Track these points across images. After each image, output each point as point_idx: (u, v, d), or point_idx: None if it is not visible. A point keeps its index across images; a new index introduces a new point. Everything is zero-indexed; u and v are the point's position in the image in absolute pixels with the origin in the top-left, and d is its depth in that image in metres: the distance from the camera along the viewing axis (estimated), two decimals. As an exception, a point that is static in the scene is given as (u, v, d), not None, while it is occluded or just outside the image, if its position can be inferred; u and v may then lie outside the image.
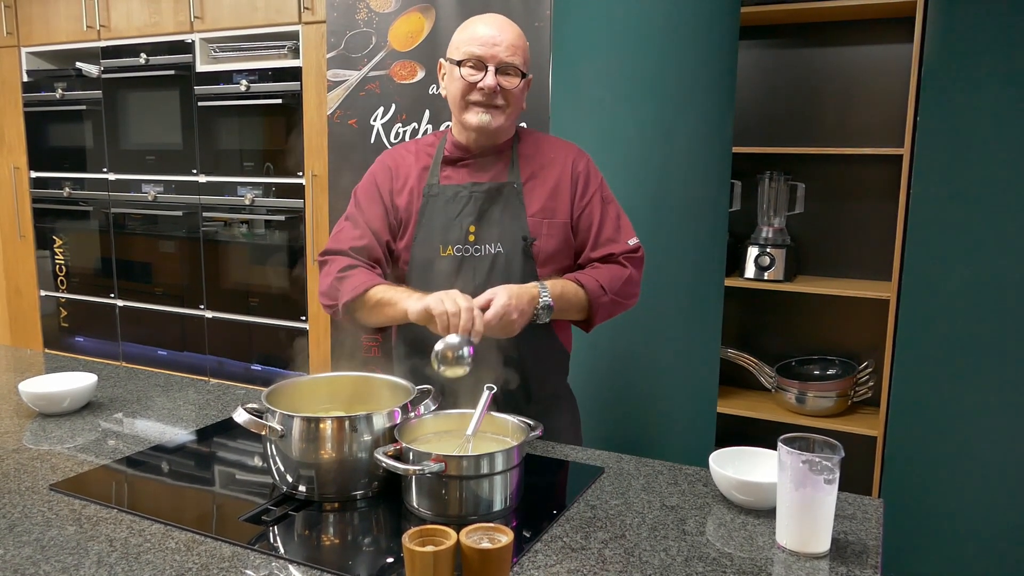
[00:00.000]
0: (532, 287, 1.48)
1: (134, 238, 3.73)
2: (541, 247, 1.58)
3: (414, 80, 2.73)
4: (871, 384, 2.77)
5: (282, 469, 1.26)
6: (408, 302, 1.43)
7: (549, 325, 1.57)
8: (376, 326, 1.58)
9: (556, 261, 1.60)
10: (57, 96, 3.78)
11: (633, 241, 1.64)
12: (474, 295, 1.53)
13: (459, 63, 1.54)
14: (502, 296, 1.41)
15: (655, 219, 2.11)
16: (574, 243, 1.63)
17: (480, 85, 1.52)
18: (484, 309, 1.39)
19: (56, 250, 3.99)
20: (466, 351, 1.25)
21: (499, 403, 1.40)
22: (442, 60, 1.61)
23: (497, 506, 1.19)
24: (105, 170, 3.74)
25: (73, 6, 3.65)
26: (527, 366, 1.58)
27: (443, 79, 1.61)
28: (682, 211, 2.14)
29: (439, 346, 1.24)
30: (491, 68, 1.52)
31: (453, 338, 1.27)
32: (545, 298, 1.48)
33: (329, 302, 1.57)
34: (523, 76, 1.56)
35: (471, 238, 1.58)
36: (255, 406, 1.28)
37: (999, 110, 2.10)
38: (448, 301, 1.36)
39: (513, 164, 1.61)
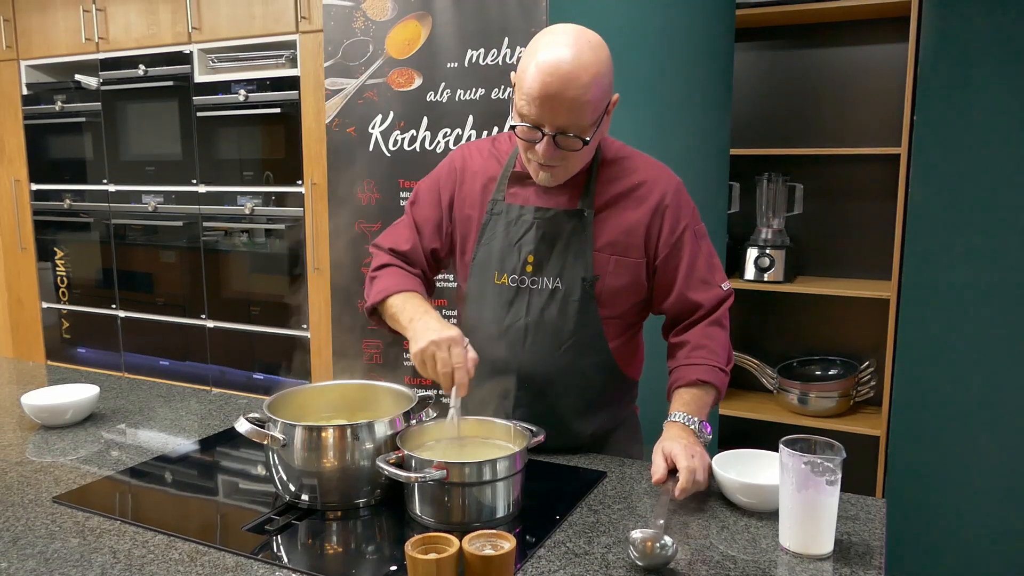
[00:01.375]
0: (679, 427, 1.35)
1: (135, 249, 3.73)
2: (606, 284, 1.42)
3: (412, 87, 2.73)
4: (873, 384, 2.77)
5: (285, 478, 1.26)
6: (409, 334, 1.35)
7: (615, 364, 1.49)
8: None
9: (623, 300, 1.46)
10: (57, 108, 3.80)
11: (727, 285, 1.48)
12: (525, 331, 1.45)
13: (513, 126, 1.35)
14: (682, 459, 1.25)
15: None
16: (647, 283, 1.46)
17: (536, 148, 1.34)
18: (672, 471, 1.26)
19: (57, 262, 4.00)
20: (668, 540, 1.08)
21: (555, 438, 1.35)
22: (513, 75, 1.38)
23: (500, 512, 1.19)
24: (105, 181, 3.75)
25: (72, 19, 3.66)
26: (591, 409, 1.51)
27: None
28: (681, 214, 2.14)
29: (636, 535, 1.09)
30: (547, 133, 1.31)
31: (649, 530, 1.10)
32: (695, 425, 1.35)
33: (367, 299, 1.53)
34: (587, 141, 1.33)
35: (529, 268, 1.44)
36: (257, 415, 1.28)
37: (995, 107, 2.10)
38: (429, 361, 1.28)
39: (588, 188, 1.43)
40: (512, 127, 1.36)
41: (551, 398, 1.48)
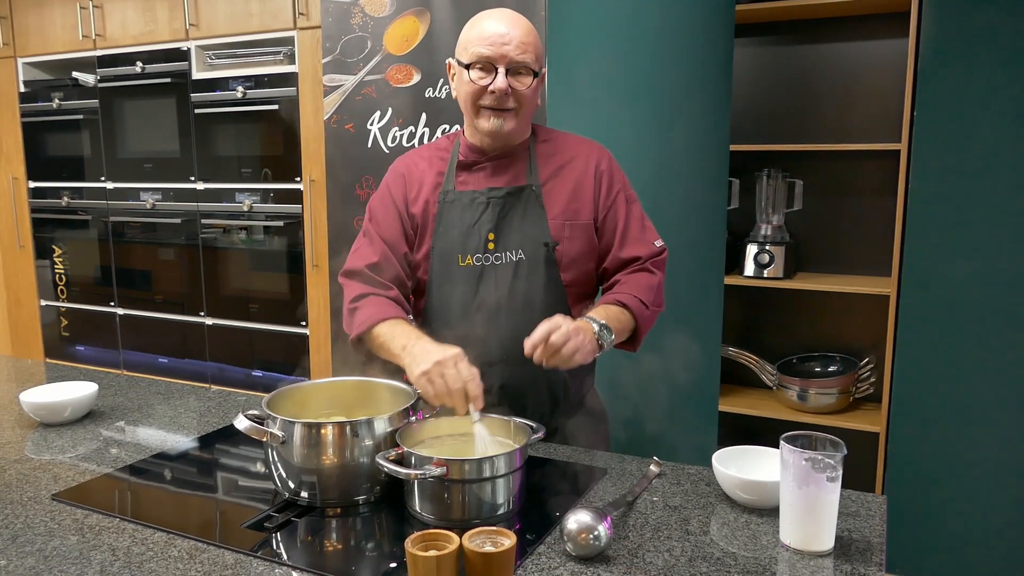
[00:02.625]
0: (580, 321, 1.41)
1: (133, 246, 3.73)
2: (564, 250, 1.52)
3: (410, 84, 2.73)
4: (872, 380, 2.77)
5: (284, 475, 1.26)
6: (406, 360, 1.35)
7: None
8: None
9: (580, 265, 1.55)
10: (54, 106, 3.79)
11: (659, 243, 1.58)
12: (496, 305, 1.50)
13: (467, 66, 1.47)
14: (545, 323, 1.33)
15: (653, 219, 2.10)
16: (598, 244, 1.57)
17: (491, 88, 1.46)
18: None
19: (56, 259, 3.99)
20: (603, 530, 1.07)
21: (525, 411, 1.36)
22: (450, 60, 1.55)
23: (500, 509, 1.19)
24: (103, 179, 3.74)
25: (69, 16, 3.65)
26: (551, 373, 1.50)
27: (452, 79, 1.55)
28: (680, 210, 2.14)
29: (571, 525, 1.08)
30: (501, 69, 1.45)
31: (584, 515, 1.08)
32: (596, 325, 1.40)
33: (348, 332, 1.53)
34: (535, 75, 1.49)
35: (491, 246, 1.52)
36: (256, 413, 1.28)
37: (995, 103, 2.10)
38: (438, 381, 1.27)
39: (531, 165, 1.55)
40: (466, 65, 1.47)
41: (528, 370, 1.47)
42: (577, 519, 1.09)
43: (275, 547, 1.14)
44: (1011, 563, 2.19)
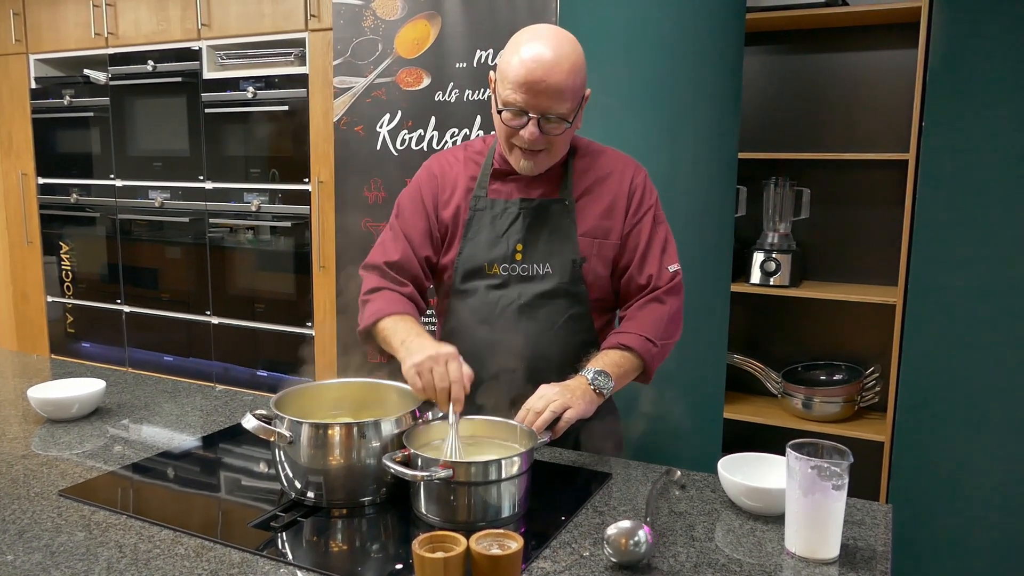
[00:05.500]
0: (576, 378, 1.41)
1: (141, 244, 3.74)
2: (590, 268, 1.51)
3: (420, 87, 2.73)
4: (878, 389, 2.77)
5: (290, 475, 1.26)
6: (402, 353, 1.35)
7: (595, 337, 1.53)
8: None
9: (604, 284, 1.54)
10: (65, 103, 3.81)
11: (673, 267, 1.55)
12: (519, 316, 1.50)
13: (500, 110, 1.43)
14: (545, 399, 1.34)
15: (661, 225, 2.11)
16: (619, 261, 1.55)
17: (521, 133, 1.42)
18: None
19: (63, 256, 4.00)
20: (643, 535, 1.07)
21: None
22: (492, 73, 1.50)
23: (505, 512, 1.19)
24: (112, 176, 3.76)
25: (81, 13, 3.67)
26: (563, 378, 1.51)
27: (494, 92, 1.49)
28: (688, 217, 2.14)
29: (611, 531, 1.08)
30: (533, 118, 1.40)
31: (625, 523, 1.08)
32: (590, 374, 1.41)
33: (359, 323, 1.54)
34: (570, 123, 1.43)
35: (518, 257, 1.51)
36: (264, 412, 1.29)
37: (1004, 114, 2.10)
38: (427, 375, 1.28)
39: (566, 179, 1.53)
40: (499, 111, 1.44)
41: (546, 381, 1.47)
42: (618, 525, 1.08)
43: (281, 547, 1.14)
44: (1016, 574, 2.18)
